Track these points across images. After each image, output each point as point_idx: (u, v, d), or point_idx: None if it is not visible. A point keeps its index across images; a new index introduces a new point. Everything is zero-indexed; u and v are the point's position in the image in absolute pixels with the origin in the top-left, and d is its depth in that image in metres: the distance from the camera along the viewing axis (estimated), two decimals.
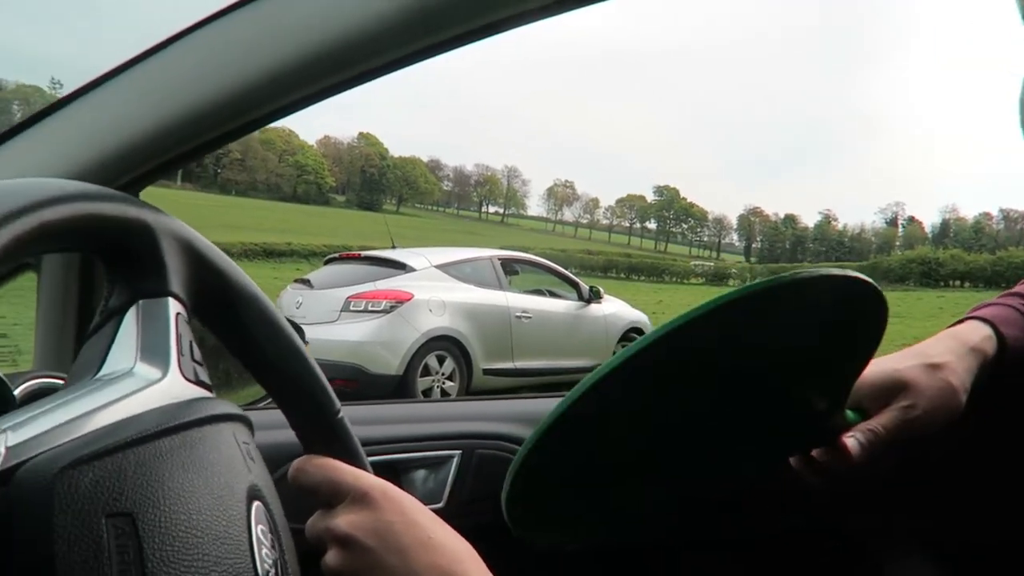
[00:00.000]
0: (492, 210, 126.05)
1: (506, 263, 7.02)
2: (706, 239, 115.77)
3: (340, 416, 0.57)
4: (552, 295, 7.53)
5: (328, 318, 6.09)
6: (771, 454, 0.66)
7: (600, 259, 43.04)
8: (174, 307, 0.44)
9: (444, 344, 6.14)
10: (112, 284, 0.44)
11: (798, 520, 0.99)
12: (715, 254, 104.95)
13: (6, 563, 0.31)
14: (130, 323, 0.43)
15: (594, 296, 7.48)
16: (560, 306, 7.35)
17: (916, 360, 0.67)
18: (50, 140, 0.78)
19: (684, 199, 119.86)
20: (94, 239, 0.41)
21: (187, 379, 0.43)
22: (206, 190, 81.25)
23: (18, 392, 0.57)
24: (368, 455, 0.61)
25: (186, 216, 0.48)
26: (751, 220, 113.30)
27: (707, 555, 1.01)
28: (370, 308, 6.05)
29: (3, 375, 0.51)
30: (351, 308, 6.08)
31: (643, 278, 38.30)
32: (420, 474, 0.94)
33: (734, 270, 42.92)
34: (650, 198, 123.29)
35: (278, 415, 0.57)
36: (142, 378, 0.40)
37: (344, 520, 0.50)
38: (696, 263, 48.82)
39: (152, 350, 0.42)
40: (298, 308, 6.34)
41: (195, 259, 0.47)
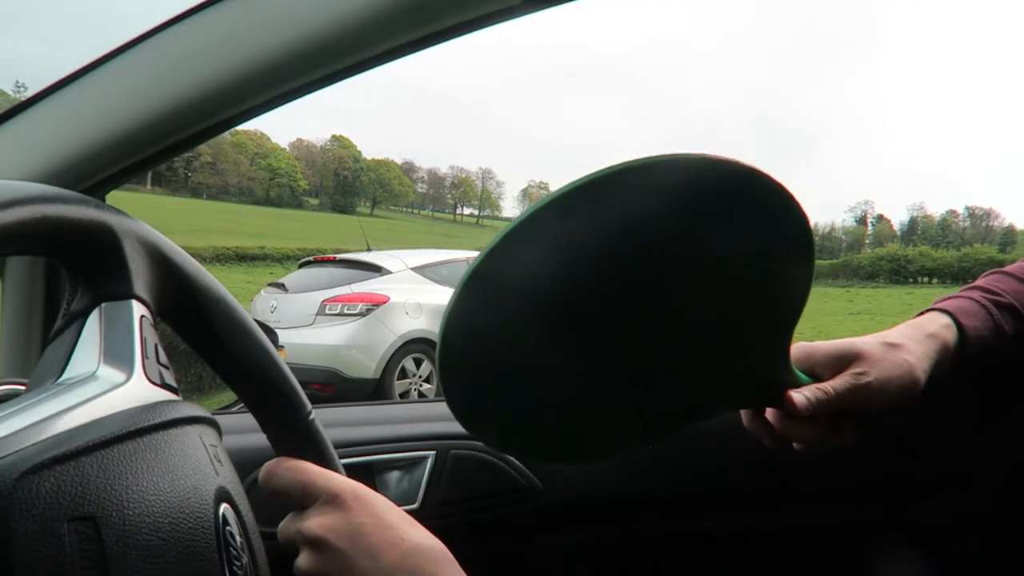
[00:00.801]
0: (467, 212, 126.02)
1: None
2: None
3: (311, 418, 0.56)
4: None
5: (303, 322, 6.01)
6: (711, 398, 0.63)
7: None
8: (138, 310, 0.44)
9: (421, 347, 6.07)
10: (74, 287, 0.44)
11: (791, 515, 0.99)
12: None
13: None
14: (93, 326, 0.42)
15: None
16: None
17: (873, 339, 0.69)
18: (14, 143, 0.76)
19: None
20: (54, 241, 0.41)
21: (152, 382, 0.42)
22: (177, 193, 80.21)
23: None
24: (342, 457, 0.60)
25: (157, 220, 0.46)
26: None
27: (700, 550, 1.01)
28: (346, 311, 5.99)
29: None
30: (326, 312, 6.01)
31: None
32: (394, 475, 0.93)
33: None
34: (618, 163, 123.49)
35: (250, 419, 0.57)
36: (106, 381, 0.40)
37: (315, 522, 0.50)
38: None
39: (115, 353, 0.41)
40: (273, 312, 6.25)
41: (159, 261, 0.47)
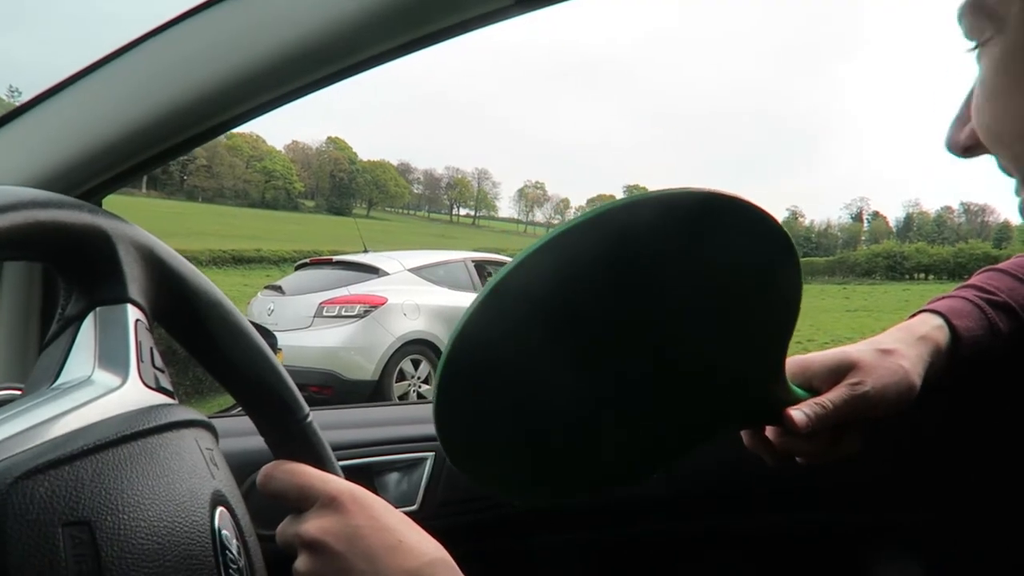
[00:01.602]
0: (463, 212, 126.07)
1: (480, 265, 6.90)
2: None
3: (309, 420, 0.56)
4: None
5: (301, 324, 5.96)
6: (710, 420, 0.64)
7: None
8: (133, 314, 0.43)
9: (419, 348, 6.04)
10: (69, 292, 0.43)
11: (790, 516, 0.99)
12: None
13: None
14: (88, 331, 0.42)
15: None
16: None
17: (866, 346, 0.68)
18: (10, 147, 0.76)
19: None
20: (48, 247, 0.41)
21: (147, 386, 0.42)
22: (172, 197, 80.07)
23: None
24: (341, 459, 0.60)
25: (152, 224, 0.46)
26: None
27: (699, 550, 1.01)
28: (343, 313, 5.95)
29: None
30: (324, 314, 5.92)
31: None
32: (393, 477, 0.93)
33: None
34: (620, 198, 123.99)
35: (248, 422, 0.56)
36: (101, 385, 0.40)
37: (313, 525, 0.49)
38: None
39: (111, 357, 0.41)
40: (270, 315, 6.20)
41: (155, 265, 0.47)
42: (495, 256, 7.78)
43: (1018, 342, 0.73)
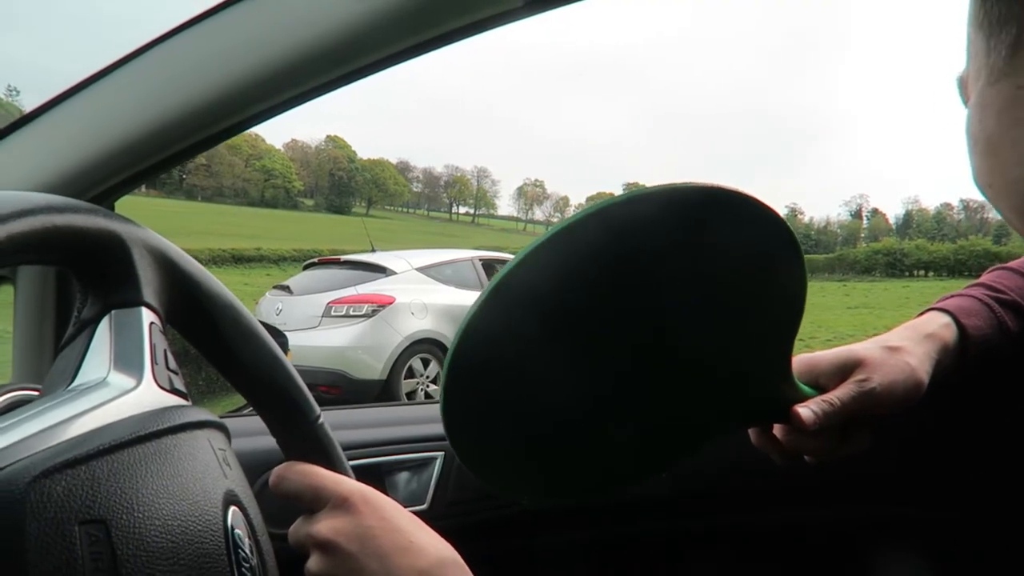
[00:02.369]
0: (463, 211, 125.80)
1: (487, 264, 6.82)
2: None
3: (320, 422, 0.57)
4: None
5: (309, 324, 5.91)
6: (717, 418, 0.64)
7: None
8: (147, 317, 0.44)
9: (427, 347, 5.98)
10: (84, 295, 0.44)
11: (791, 514, 0.99)
12: None
13: None
14: (103, 333, 0.43)
15: None
16: None
17: (873, 344, 0.68)
18: (22, 152, 0.77)
19: None
20: (63, 251, 0.41)
21: (161, 387, 0.43)
22: (172, 196, 79.92)
23: None
24: (351, 459, 0.60)
25: (152, 223, 0.49)
26: None
27: (700, 550, 1.01)
28: (351, 313, 5.89)
29: None
30: (332, 313, 5.91)
31: None
32: (403, 476, 0.93)
33: None
34: (620, 193, 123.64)
35: (259, 422, 0.57)
36: (116, 387, 0.40)
37: (325, 526, 0.50)
38: None
39: (126, 359, 0.42)
40: (278, 315, 6.15)
41: (168, 269, 0.47)
42: (503, 255, 7.70)
43: None
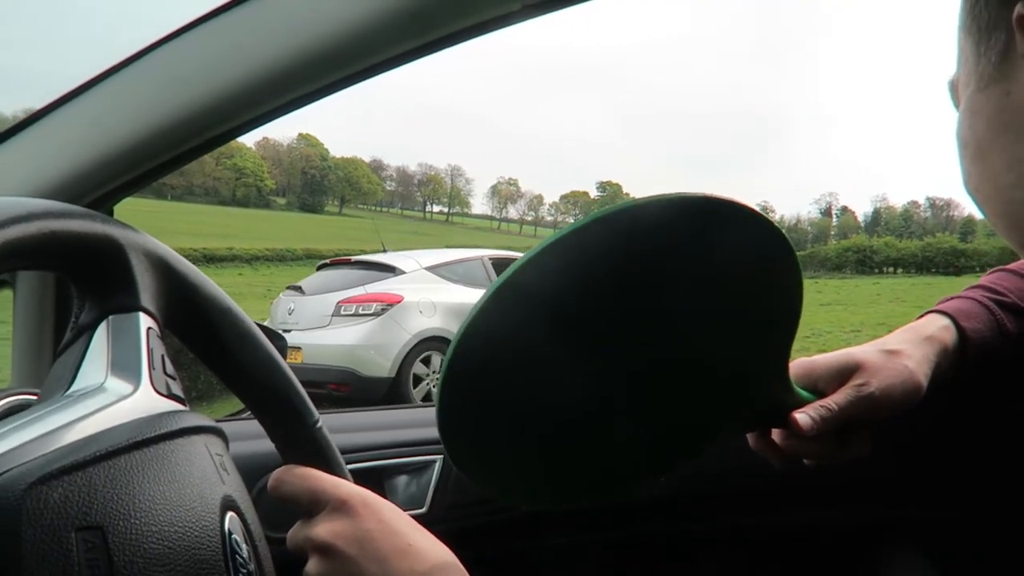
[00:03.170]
0: (436, 209, 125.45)
1: (497, 263, 6.88)
2: None
3: (318, 425, 0.57)
4: None
5: (320, 323, 6.07)
6: (715, 423, 0.64)
7: None
8: (145, 322, 0.44)
9: (435, 344, 6.10)
10: (82, 300, 0.44)
11: (791, 515, 0.99)
12: None
13: None
14: (101, 339, 0.42)
15: None
16: None
17: (872, 347, 0.68)
18: (20, 157, 0.77)
19: (627, 194, 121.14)
20: (61, 257, 0.41)
21: (159, 393, 0.43)
22: (140, 195, 78.41)
23: None
24: (350, 462, 0.60)
25: None
26: None
27: (701, 550, 1.01)
28: (361, 312, 6.01)
29: None
30: (342, 312, 6.04)
31: None
32: (402, 480, 0.93)
33: None
34: (593, 194, 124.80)
35: (257, 426, 0.57)
36: (113, 393, 0.40)
37: (324, 529, 0.50)
38: None
39: (123, 365, 0.42)
40: (290, 314, 6.30)
41: (165, 273, 0.47)
42: (513, 254, 7.77)
43: None
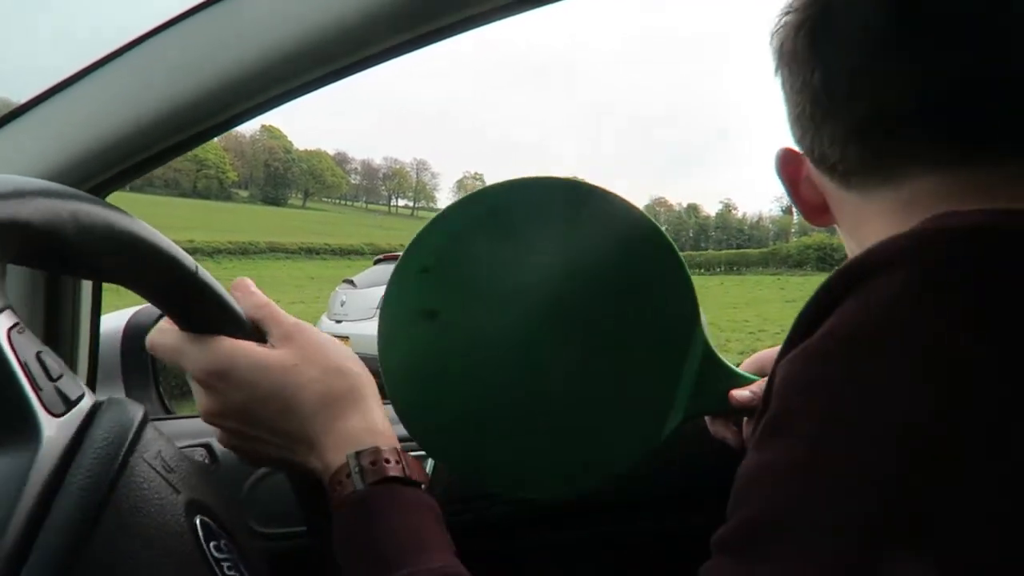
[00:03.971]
0: (402, 203, 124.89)
1: None
2: None
3: (198, 272, 0.50)
4: None
5: (367, 315, 6.37)
6: (656, 412, 0.65)
7: None
8: (2, 323, 0.34)
9: None
10: None
11: None
12: None
13: None
14: None
15: None
16: None
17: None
18: (10, 147, 0.75)
19: None
20: None
21: (55, 415, 0.34)
22: None
23: None
24: None
25: None
26: (656, 210, 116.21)
27: (701, 549, 0.99)
28: None
29: None
30: None
31: None
32: None
33: None
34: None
35: None
36: (11, 465, 0.31)
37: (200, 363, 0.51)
38: None
39: (3, 411, 0.32)
40: (342, 306, 6.78)
41: (16, 232, 0.37)
42: None
43: None
